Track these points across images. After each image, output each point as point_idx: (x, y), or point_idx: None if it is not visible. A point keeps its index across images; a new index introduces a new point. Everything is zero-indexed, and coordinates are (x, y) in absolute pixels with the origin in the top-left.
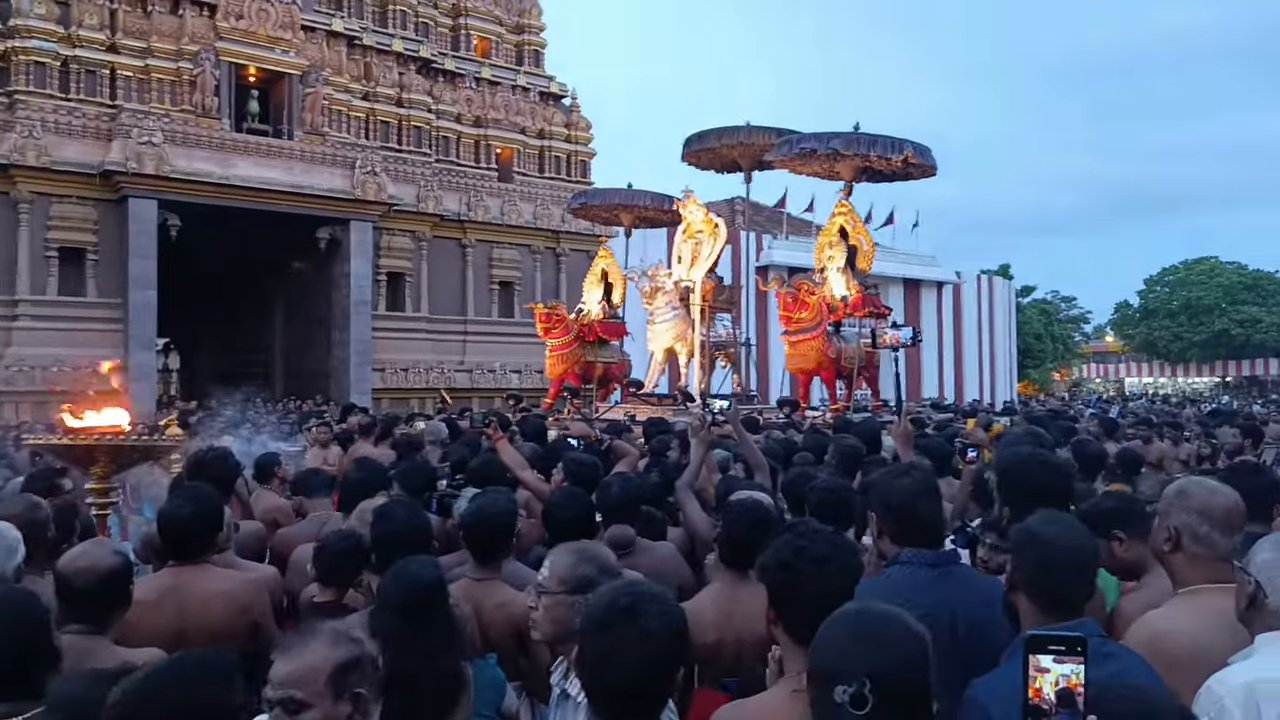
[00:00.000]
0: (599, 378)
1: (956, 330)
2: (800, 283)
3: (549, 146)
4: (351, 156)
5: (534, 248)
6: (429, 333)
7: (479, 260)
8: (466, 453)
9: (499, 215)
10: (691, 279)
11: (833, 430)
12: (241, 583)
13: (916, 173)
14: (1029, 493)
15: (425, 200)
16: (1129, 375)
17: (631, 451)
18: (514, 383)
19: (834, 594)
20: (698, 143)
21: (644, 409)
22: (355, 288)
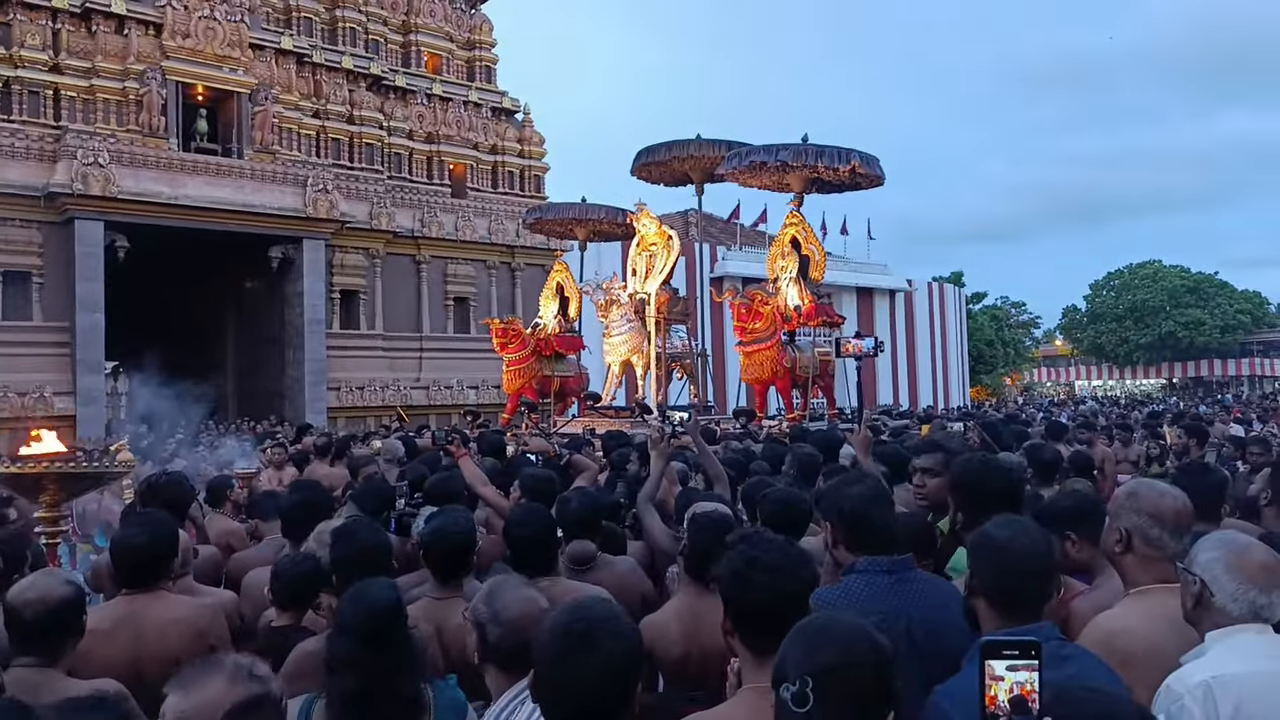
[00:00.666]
0: (556, 392)
1: (909, 337)
2: (754, 293)
3: (502, 162)
4: (303, 174)
5: (489, 263)
6: (384, 350)
7: (434, 276)
8: (425, 471)
9: (453, 231)
10: (646, 291)
11: (789, 439)
12: (197, 608)
13: (864, 183)
14: (982, 497)
15: (378, 217)
16: (1079, 378)
17: (591, 466)
18: (471, 399)
19: (787, 603)
20: (648, 156)
21: (602, 422)
22: (309, 306)
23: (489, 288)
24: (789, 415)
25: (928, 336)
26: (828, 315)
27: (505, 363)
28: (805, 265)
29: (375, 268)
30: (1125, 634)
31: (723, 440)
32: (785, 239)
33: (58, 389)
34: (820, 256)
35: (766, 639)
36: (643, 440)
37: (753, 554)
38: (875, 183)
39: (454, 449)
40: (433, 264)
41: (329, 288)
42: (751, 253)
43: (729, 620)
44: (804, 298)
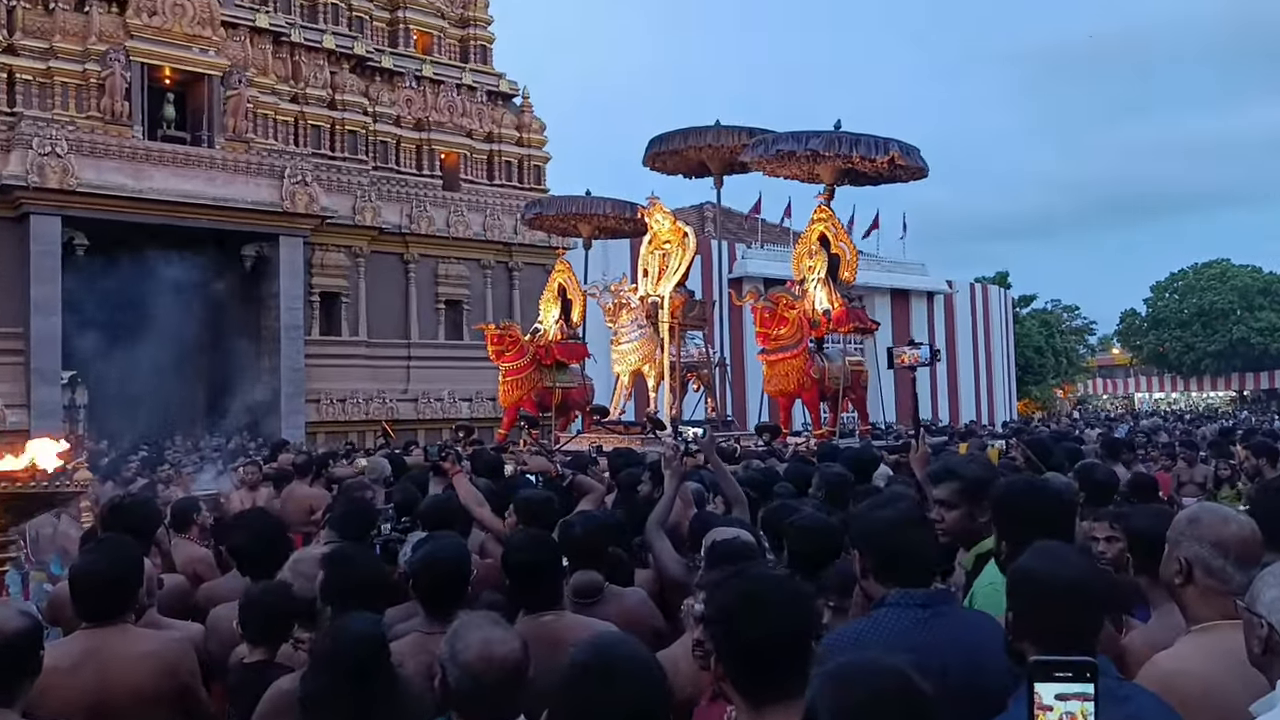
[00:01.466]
0: (558, 405)
1: (950, 344)
2: (778, 296)
3: (499, 151)
4: (279, 165)
5: (484, 262)
6: (368, 359)
7: (423, 277)
8: (415, 491)
9: (444, 227)
10: (659, 294)
11: (817, 458)
12: (166, 642)
13: (903, 174)
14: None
15: (362, 212)
16: (1138, 390)
17: (597, 487)
18: (464, 412)
19: (780, 644)
20: (662, 145)
21: (609, 439)
22: (285, 310)
23: (484, 289)
24: (817, 431)
25: (969, 343)
26: (860, 320)
27: (501, 373)
28: (835, 265)
29: (359, 267)
30: (1184, 675)
31: (743, 459)
32: (813, 236)
33: (10, 401)
34: (851, 255)
35: (764, 687)
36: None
37: (744, 588)
38: (916, 175)
39: (448, 466)
40: (422, 263)
41: (308, 289)
42: (775, 251)
43: (720, 665)
44: (834, 300)
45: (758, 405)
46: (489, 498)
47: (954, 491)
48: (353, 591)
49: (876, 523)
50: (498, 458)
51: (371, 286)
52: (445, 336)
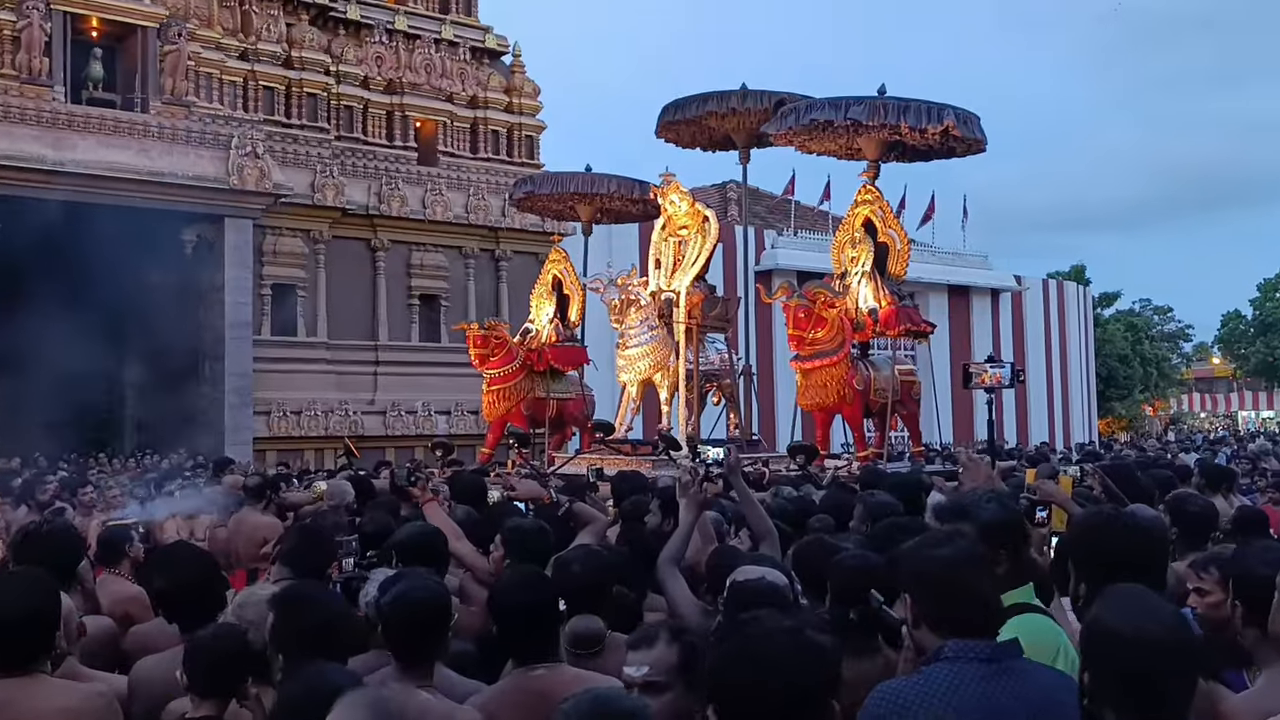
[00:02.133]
0: (552, 420)
1: (1018, 351)
2: (815, 292)
3: (484, 119)
4: (225, 134)
5: (466, 250)
6: (328, 363)
7: (394, 267)
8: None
9: (420, 208)
10: (674, 289)
11: (860, 485)
12: (88, 696)
13: (961, 148)
14: (1108, 565)
15: (323, 189)
16: (1243, 408)
17: (598, 517)
18: (441, 428)
19: (783, 708)
20: (678, 113)
21: (613, 460)
22: (231, 305)
23: (465, 282)
24: (860, 453)
25: (1042, 351)
26: (912, 322)
27: (486, 381)
28: (882, 256)
29: (318, 255)
30: None
31: (772, 486)
32: (856, 221)
33: None
34: (902, 244)
35: None
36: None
37: (748, 643)
38: (975, 148)
39: (417, 492)
40: (393, 251)
41: (258, 281)
42: (811, 240)
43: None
44: (881, 298)
45: (790, 422)
46: (471, 529)
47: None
48: (309, 637)
49: (931, 562)
50: (481, 481)
51: (333, 278)
52: (420, 337)
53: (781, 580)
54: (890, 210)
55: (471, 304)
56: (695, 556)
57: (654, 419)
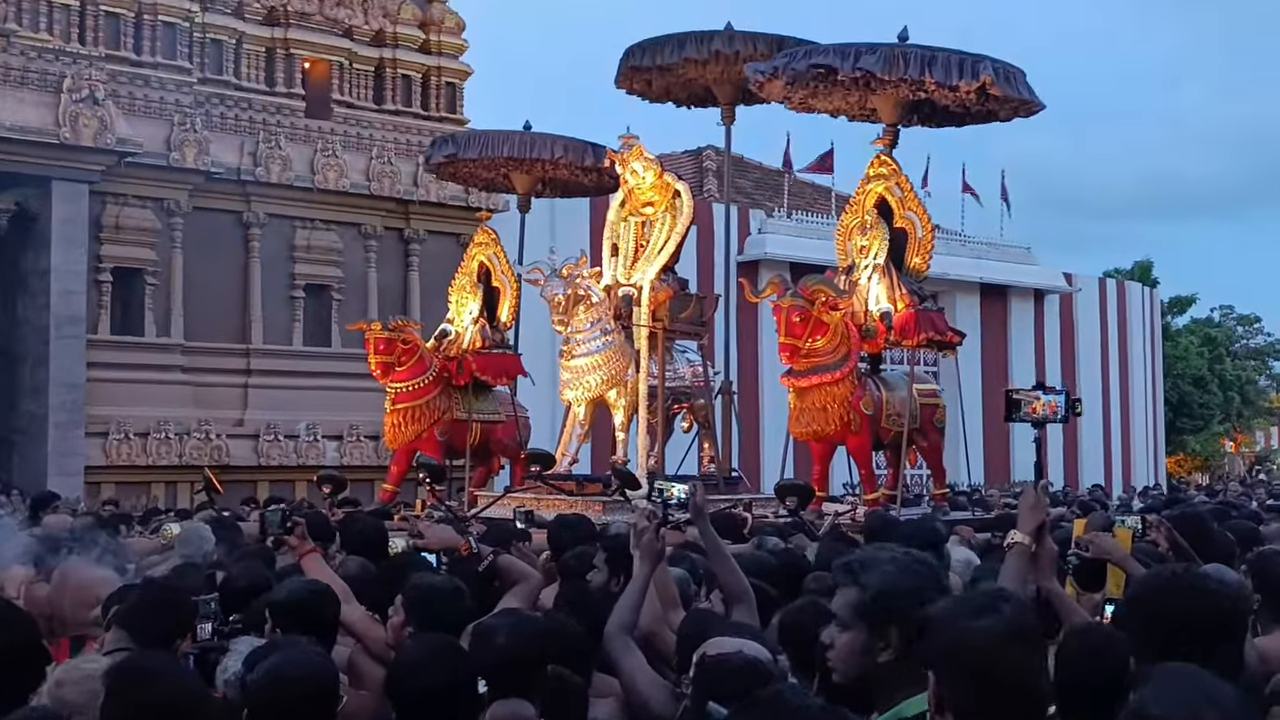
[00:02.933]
0: (475, 448)
1: (1067, 368)
2: (814, 290)
3: (393, 60)
4: (55, 73)
5: (366, 228)
6: (185, 371)
7: (273, 248)
8: (261, 574)
9: (307, 174)
10: (634, 283)
11: (866, 536)
12: None
13: (1002, 111)
14: (1169, 638)
15: (182, 147)
16: None
17: (530, 574)
18: (330, 456)
19: None
20: (648, 56)
21: (552, 502)
22: (59, 295)
23: (365, 269)
24: (869, 495)
25: (1097, 369)
26: (936, 329)
27: (390, 397)
28: (899, 245)
29: (174, 232)
30: None
31: (755, 536)
32: (867, 201)
33: None
34: (925, 231)
35: None
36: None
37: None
38: (1020, 110)
39: (294, 541)
40: (271, 228)
41: (95, 264)
42: (808, 222)
43: None
44: (897, 299)
45: (780, 454)
46: (365, 588)
47: (851, 604)
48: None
49: (968, 635)
50: (380, 526)
51: (193, 261)
52: (305, 340)
53: (763, 654)
54: (911, 188)
55: (372, 297)
56: (652, 624)
57: (606, 449)
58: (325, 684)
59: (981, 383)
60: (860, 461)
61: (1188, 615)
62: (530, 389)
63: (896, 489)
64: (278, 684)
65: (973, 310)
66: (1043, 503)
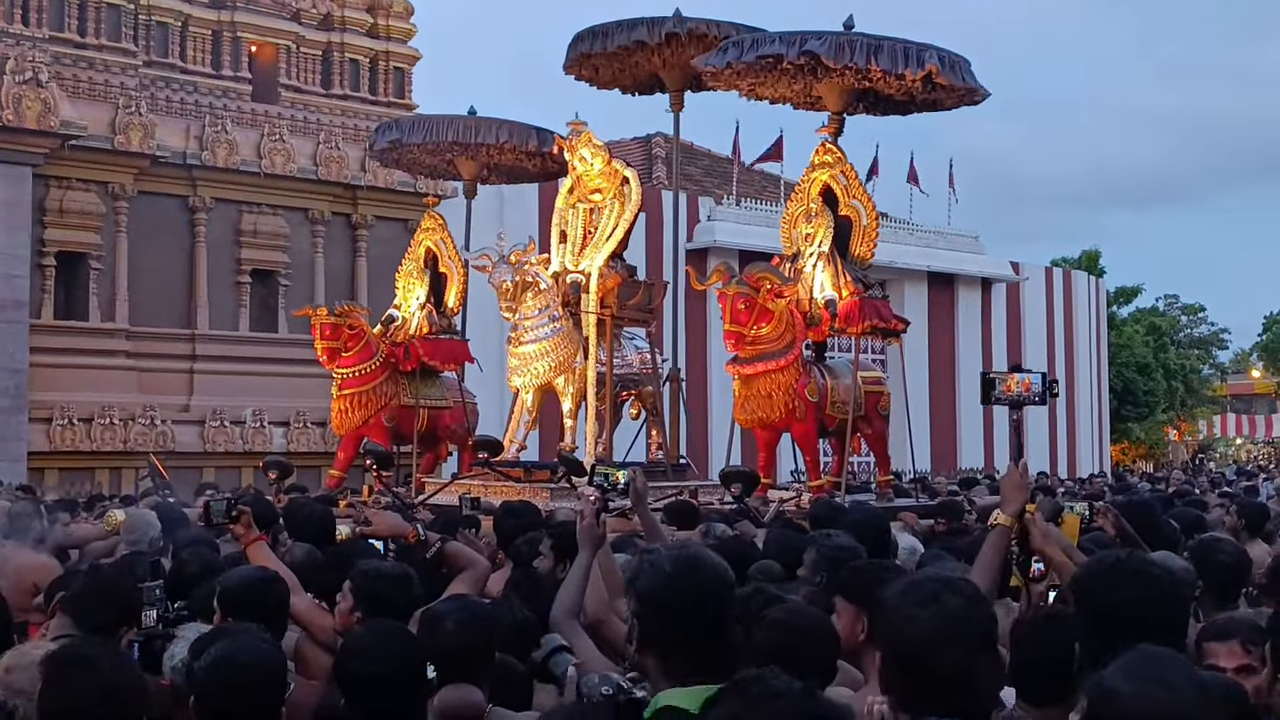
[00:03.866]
0: (423, 434)
1: (1012, 356)
2: (759, 277)
3: (340, 44)
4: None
5: (314, 213)
6: (130, 356)
7: (219, 233)
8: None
9: (254, 158)
10: (583, 269)
11: (811, 523)
12: None
13: (948, 99)
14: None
15: (126, 130)
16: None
17: (478, 560)
18: (277, 442)
19: None
20: (595, 42)
21: (500, 488)
22: (1, 278)
23: (312, 255)
24: (813, 483)
25: (1043, 355)
26: (881, 317)
27: (336, 382)
28: (844, 233)
29: (119, 216)
30: None
31: (704, 523)
32: (813, 189)
33: None
34: (870, 219)
35: None
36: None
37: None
38: (966, 98)
39: (239, 529)
40: (218, 212)
41: (38, 247)
42: (757, 210)
43: None
44: (842, 287)
45: (726, 442)
46: (311, 575)
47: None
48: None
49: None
50: (327, 513)
51: (138, 245)
52: (251, 325)
53: None
54: (857, 176)
55: (320, 283)
56: (599, 612)
57: (554, 436)
58: (272, 671)
59: (929, 370)
60: (805, 449)
61: (1133, 601)
62: (478, 375)
63: (841, 476)
64: (224, 671)
65: (920, 298)
66: (1026, 482)
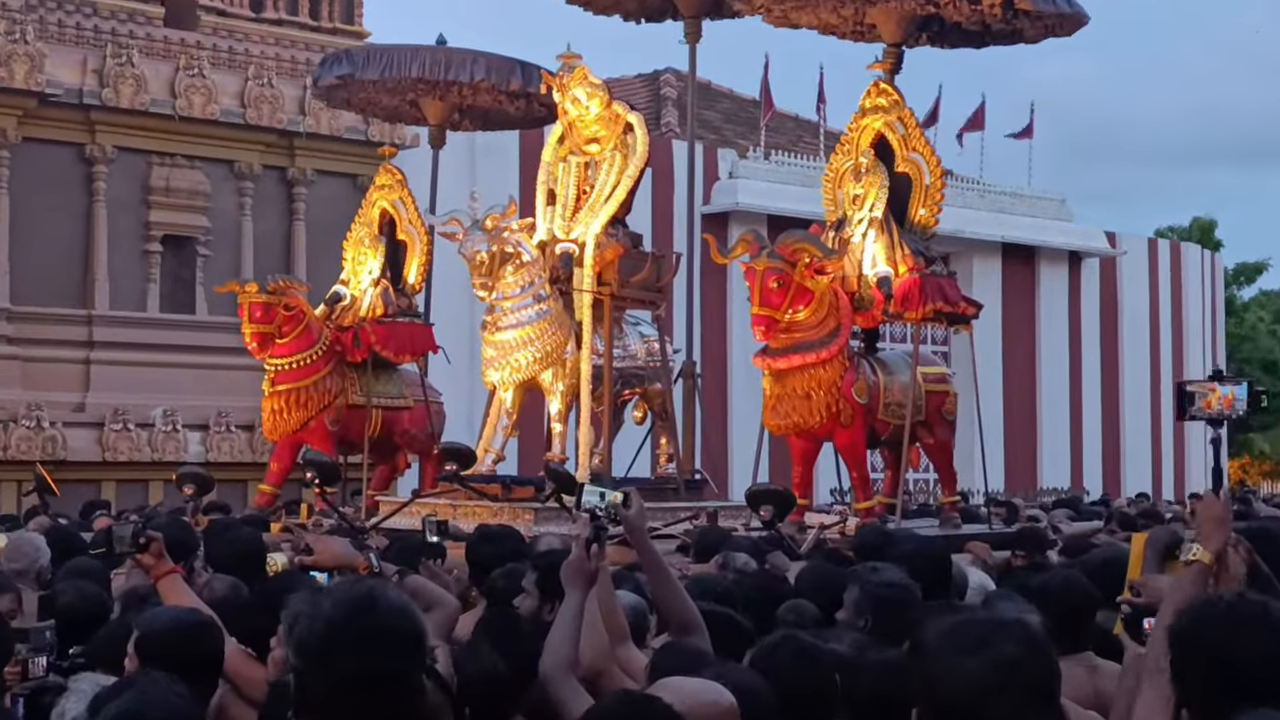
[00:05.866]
0: (376, 439)
1: (1108, 347)
2: (797, 248)
3: None
4: None
5: (241, 166)
6: (11, 343)
7: (123, 190)
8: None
9: (167, 97)
10: (576, 238)
11: (857, 553)
12: None
13: (1032, 29)
14: (1231, 684)
15: (9, 62)
16: None
17: (444, 599)
18: (194, 450)
19: None
20: None
21: (472, 508)
22: None
23: (238, 217)
24: (860, 504)
25: (1145, 349)
26: (946, 299)
27: (269, 376)
28: (902, 195)
29: (0, 169)
30: None
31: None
32: (863, 139)
33: None
34: (934, 177)
35: None
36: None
37: None
38: (1057, 27)
39: (149, 559)
40: (122, 164)
41: None
42: (790, 165)
43: None
44: (899, 261)
45: (753, 453)
46: (237, 615)
47: None
48: None
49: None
50: (256, 538)
51: (22, 206)
52: (162, 305)
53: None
54: (917, 124)
55: (248, 252)
56: (598, 661)
57: (539, 444)
58: None
59: (1003, 365)
60: (851, 462)
61: (1251, 656)
62: (445, 369)
63: (896, 496)
64: None
65: (993, 276)
66: (1228, 514)
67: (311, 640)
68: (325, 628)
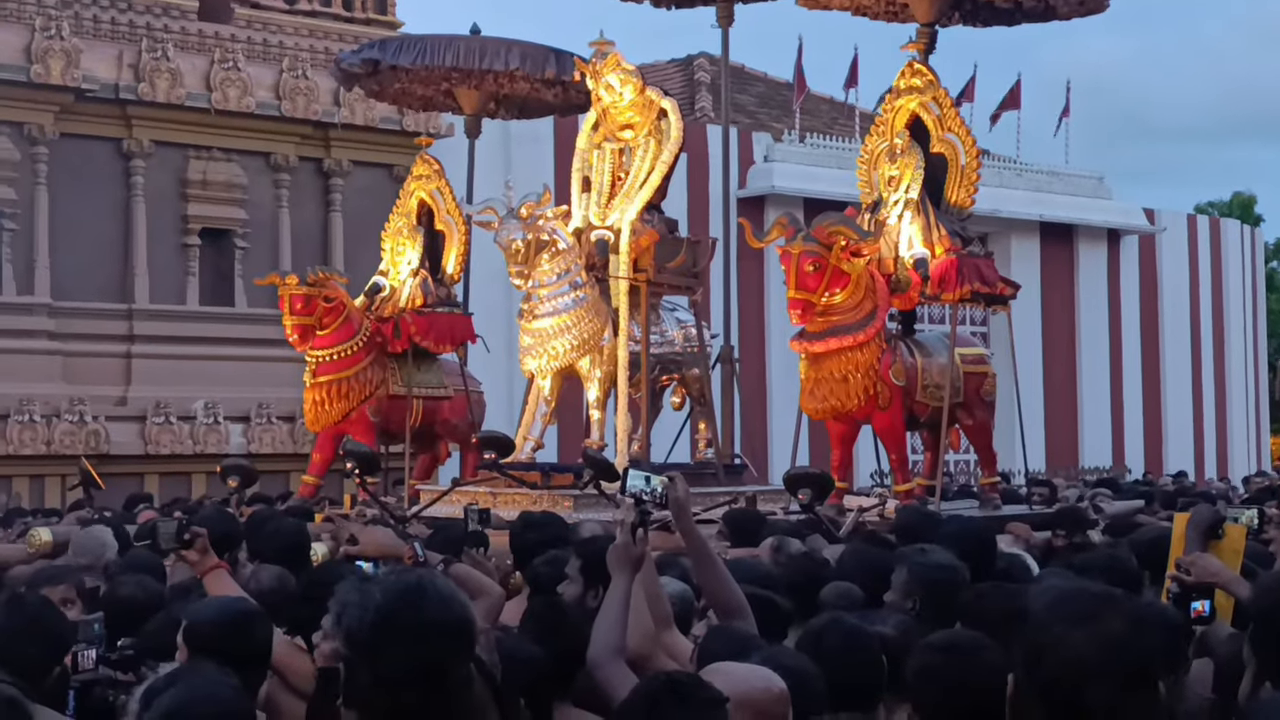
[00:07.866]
0: (417, 430)
1: (1148, 326)
2: (832, 231)
3: None
4: None
5: (277, 159)
6: (53, 337)
7: (160, 184)
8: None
9: (202, 90)
10: (611, 225)
11: (898, 536)
12: None
13: (1065, 6)
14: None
15: (45, 59)
16: None
17: (489, 588)
18: (236, 442)
19: None
20: None
21: (513, 497)
22: None
23: (276, 209)
24: (900, 486)
25: (1186, 328)
26: (983, 279)
27: (310, 368)
28: (938, 175)
29: (37, 165)
30: None
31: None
32: (898, 120)
33: None
34: (970, 157)
35: None
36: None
37: None
38: (1089, 4)
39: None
40: (159, 158)
41: None
42: (825, 148)
43: None
44: (936, 242)
45: (791, 437)
46: (283, 606)
47: None
48: None
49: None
50: (300, 529)
51: (62, 201)
52: (202, 298)
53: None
54: (951, 103)
55: (285, 244)
56: (643, 647)
57: (578, 431)
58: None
59: (1043, 345)
60: (890, 444)
61: None
62: (484, 357)
63: (936, 478)
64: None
65: (1031, 256)
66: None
67: (362, 630)
68: (375, 618)
